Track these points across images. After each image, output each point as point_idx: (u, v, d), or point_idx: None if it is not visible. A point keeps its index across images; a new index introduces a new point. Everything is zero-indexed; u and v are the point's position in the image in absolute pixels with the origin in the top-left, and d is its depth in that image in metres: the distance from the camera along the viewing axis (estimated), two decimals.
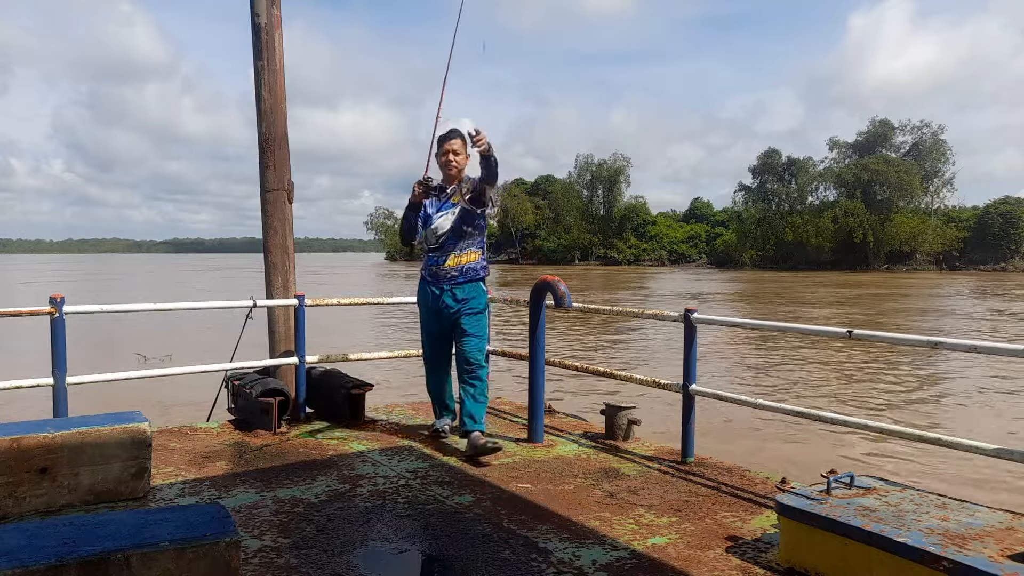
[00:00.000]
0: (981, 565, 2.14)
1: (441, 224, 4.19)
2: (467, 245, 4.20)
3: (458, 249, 4.18)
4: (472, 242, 4.22)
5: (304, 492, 3.50)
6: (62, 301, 3.93)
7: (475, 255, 4.23)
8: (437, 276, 4.22)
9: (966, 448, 3.14)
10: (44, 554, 1.94)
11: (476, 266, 4.24)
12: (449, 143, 4.20)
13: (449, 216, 4.18)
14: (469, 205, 4.18)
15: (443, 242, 4.19)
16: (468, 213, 4.18)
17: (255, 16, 4.83)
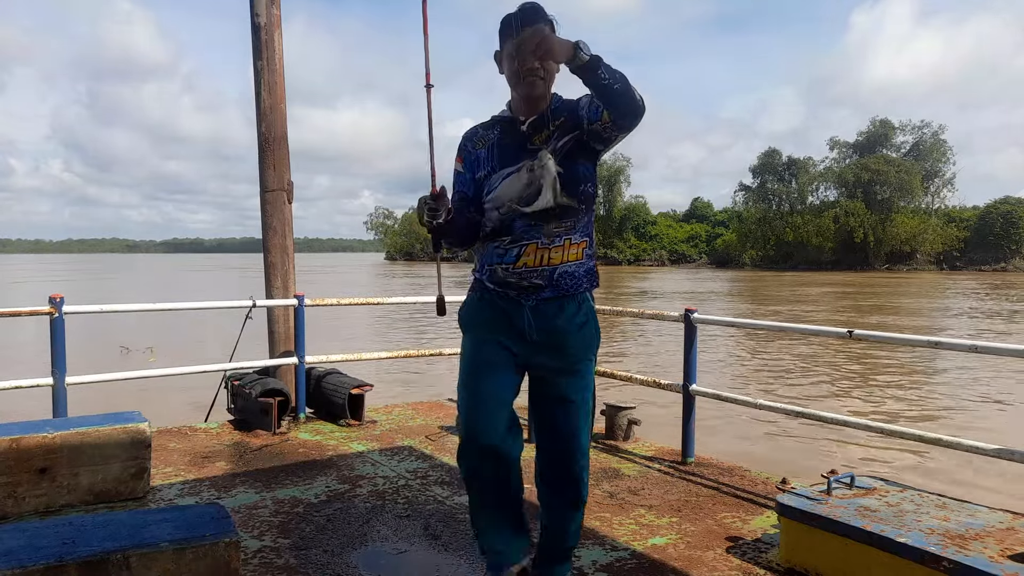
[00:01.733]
0: (981, 565, 2.14)
1: (508, 191, 2.15)
2: (562, 229, 2.16)
3: (545, 236, 2.15)
4: (571, 224, 2.18)
5: (304, 492, 3.50)
6: (61, 301, 3.93)
7: (577, 248, 2.20)
8: (507, 283, 2.20)
9: (966, 448, 3.14)
10: (43, 554, 1.94)
11: (578, 269, 2.21)
12: (525, 36, 2.04)
13: (524, 176, 2.14)
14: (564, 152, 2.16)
15: (515, 224, 2.16)
16: (568, 169, 2.13)
17: (255, 16, 4.83)
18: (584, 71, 1.90)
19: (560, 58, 1.89)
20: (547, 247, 2.15)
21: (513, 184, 2.14)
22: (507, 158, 2.18)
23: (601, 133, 2.09)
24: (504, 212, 2.16)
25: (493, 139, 2.23)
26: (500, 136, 2.22)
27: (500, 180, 2.17)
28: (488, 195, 2.20)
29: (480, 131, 2.28)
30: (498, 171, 2.18)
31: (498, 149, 2.20)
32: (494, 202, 2.18)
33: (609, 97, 1.95)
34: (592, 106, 2.08)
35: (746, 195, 72.86)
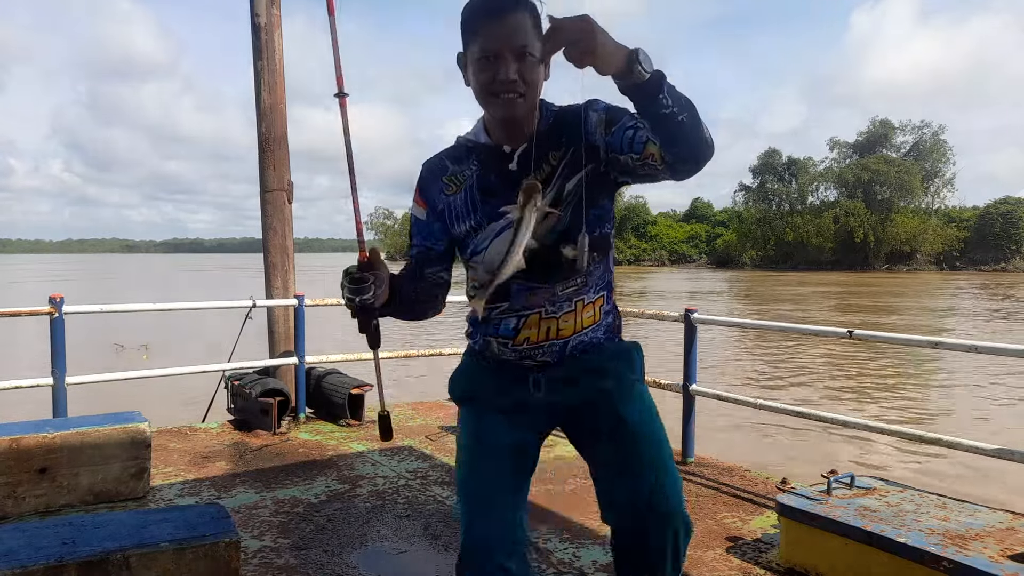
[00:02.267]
0: (981, 565, 2.14)
1: (496, 252, 1.54)
2: (571, 290, 1.60)
3: (550, 301, 1.59)
4: (583, 280, 1.61)
5: (304, 492, 3.50)
6: (61, 301, 3.93)
7: (593, 308, 1.64)
8: (505, 361, 1.66)
9: (966, 448, 3.15)
10: (43, 554, 1.94)
11: (595, 333, 1.65)
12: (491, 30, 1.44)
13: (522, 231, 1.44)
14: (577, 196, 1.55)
15: (512, 287, 1.59)
16: (577, 216, 1.52)
17: (255, 16, 4.83)
18: (640, 93, 1.25)
19: (607, 67, 1.18)
20: (554, 316, 1.56)
21: (507, 244, 1.45)
22: (495, 207, 1.52)
23: (637, 170, 1.43)
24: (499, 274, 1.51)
25: (470, 178, 1.56)
26: (480, 173, 1.55)
27: (490, 239, 1.54)
28: (474, 256, 1.58)
29: (449, 165, 1.59)
30: (485, 227, 1.54)
31: (480, 193, 1.54)
32: (484, 265, 1.55)
33: (670, 133, 1.30)
34: (629, 134, 1.41)
35: (746, 195, 72.89)
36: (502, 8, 1.41)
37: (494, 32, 1.41)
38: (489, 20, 1.42)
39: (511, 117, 1.47)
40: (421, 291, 1.63)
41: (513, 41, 1.40)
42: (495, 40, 1.41)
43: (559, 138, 1.51)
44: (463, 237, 1.59)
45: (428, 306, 1.67)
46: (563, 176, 1.50)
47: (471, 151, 1.58)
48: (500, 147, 1.54)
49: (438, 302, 1.69)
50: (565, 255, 1.51)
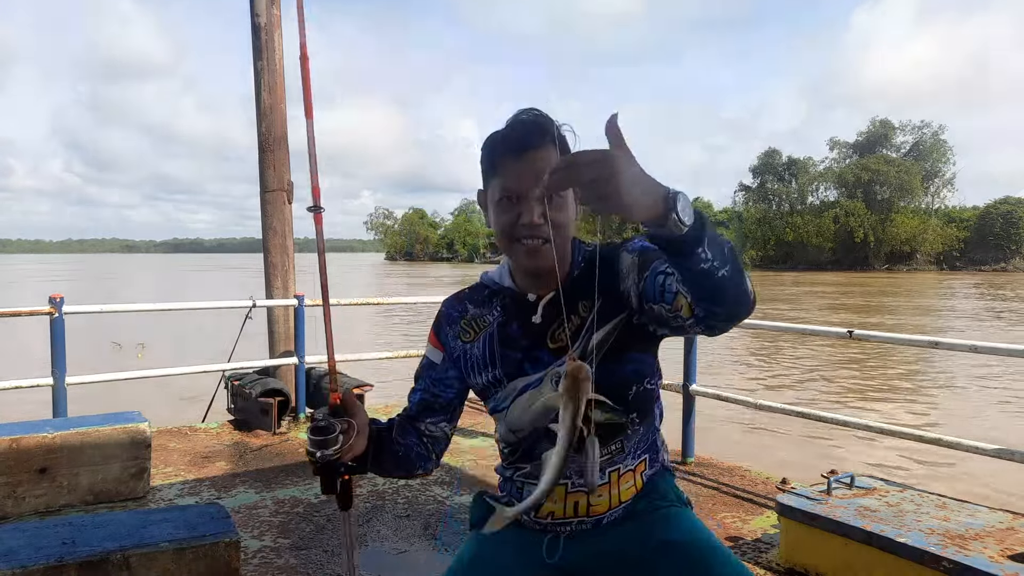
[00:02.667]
0: (981, 565, 2.14)
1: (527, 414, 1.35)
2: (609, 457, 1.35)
3: (579, 472, 1.31)
4: (621, 445, 1.35)
5: (304, 492, 3.50)
6: (61, 301, 3.93)
7: (634, 476, 1.38)
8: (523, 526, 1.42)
9: (966, 448, 3.15)
10: (44, 554, 1.95)
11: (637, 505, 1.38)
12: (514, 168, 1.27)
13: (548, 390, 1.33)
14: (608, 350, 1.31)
15: (537, 450, 1.35)
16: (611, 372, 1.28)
17: (255, 16, 4.83)
18: (673, 247, 1.03)
19: (633, 215, 0.96)
20: (582, 490, 1.33)
21: (532, 405, 1.33)
22: (517, 362, 1.34)
23: (670, 321, 1.21)
24: (526, 436, 1.36)
25: (491, 326, 1.38)
26: (501, 321, 1.37)
27: (511, 398, 1.36)
28: (495, 413, 1.40)
29: (470, 308, 1.43)
30: (505, 384, 1.35)
31: (500, 345, 1.36)
32: (508, 424, 1.38)
33: (706, 290, 1.10)
34: (660, 280, 1.21)
35: (746, 195, 72.92)
36: (526, 144, 1.24)
37: (516, 171, 1.24)
38: (511, 157, 1.25)
39: (535, 265, 1.29)
40: (413, 446, 1.39)
41: (538, 182, 1.20)
42: (518, 180, 1.24)
43: (590, 285, 1.25)
44: (481, 390, 1.41)
45: (419, 464, 1.41)
46: (591, 330, 1.28)
47: (495, 296, 1.41)
48: (524, 294, 1.35)
49: (432, 460, 1.43)
50: (593, 418, 1.22)
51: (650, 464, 1.39)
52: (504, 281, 1.39)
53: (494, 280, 1.42)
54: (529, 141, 1.24)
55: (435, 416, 1.43)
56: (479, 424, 4.93)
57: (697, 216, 1.01)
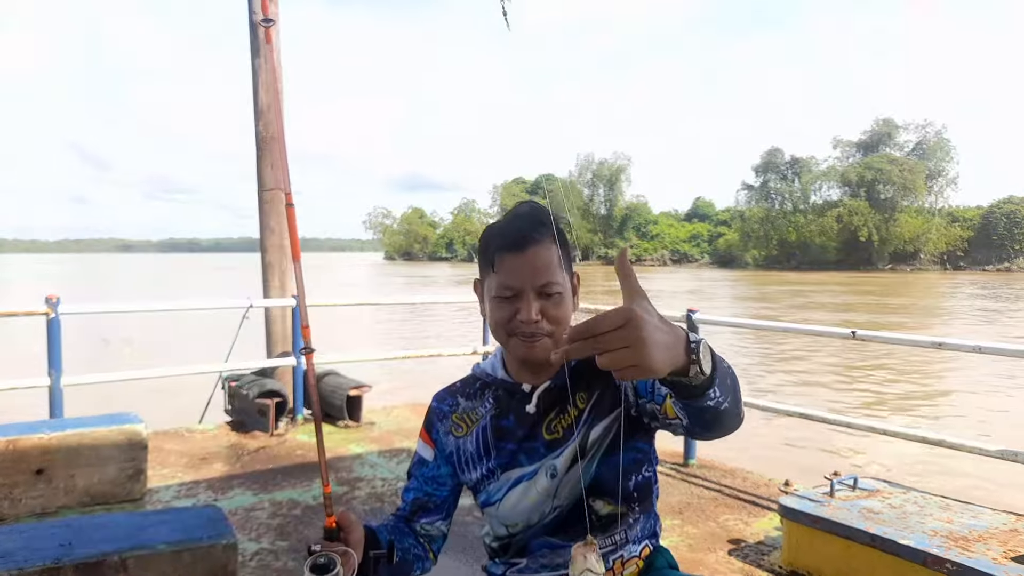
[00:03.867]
0: (984, 567, 2.12)
1: (520, 508, 1.34)
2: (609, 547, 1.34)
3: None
4: (624, 535, 1.36)
5: (302, 494, 3.48)
6: (58, 302, 3.91)
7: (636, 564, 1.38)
8: None
9: (970, 450, 3.13)
10: (40, 556, 1.93)
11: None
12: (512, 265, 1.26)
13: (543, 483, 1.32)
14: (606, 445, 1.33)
15: (532, 544, 1.36)
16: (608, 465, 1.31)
17: (252, 14, 4.81)
18: (686, 392, 1.02)
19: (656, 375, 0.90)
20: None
21: (526, 498, 1.31)
22: (511, 453, 1.33)
23: (659, 418, 1.25)
24: (518, 531, 1.35)
25: (483, 419, 1.37)
26: (495, 414, 1.36)
27: (504, 490, 1.33)
28: (487, 507, 1.38)
29: (461, 402, 1.40)
30: (498, 476, 1.33)
31: (494, 437, 1.34)
32: (500, 519, 1.36)
33: (704, 420, 1.11)
34: (650, 382, 1.24)
35: (748, 194, 72.85)
36: (524, 241, 1.23)
37: (514, 267, 1.23)
38: (509, 253, 1.24)
39: (532, 360, 1.28)
40: (410, 548, 1.36)
41: (536, 279, 1.22)
42: (516, 278, 1.23)
43: (587, 377, 1.28)
44: (475, 484, 1.38)
45: (416, 565, 1.37)
46: (588, 423, 1.28)
47: (487, 387, 1.39)
48: (519, 385, 1.33)
49: (430, 559, 1.41)
50: (596, 511, 1.29)
51: (654, 549, 1.39)
52: (497, 372, 1.37)
53: (487, 372, 1.39)
54: (527, 236, 1.23)
55: (430, 516, 1.42)
56: None
57: (712, 359, 0.99)
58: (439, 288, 36.68)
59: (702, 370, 0.96)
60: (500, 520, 1.35)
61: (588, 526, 1.22)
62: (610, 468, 1.28)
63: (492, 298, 1.27)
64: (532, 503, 1.30)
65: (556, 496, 1.29)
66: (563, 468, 1.27)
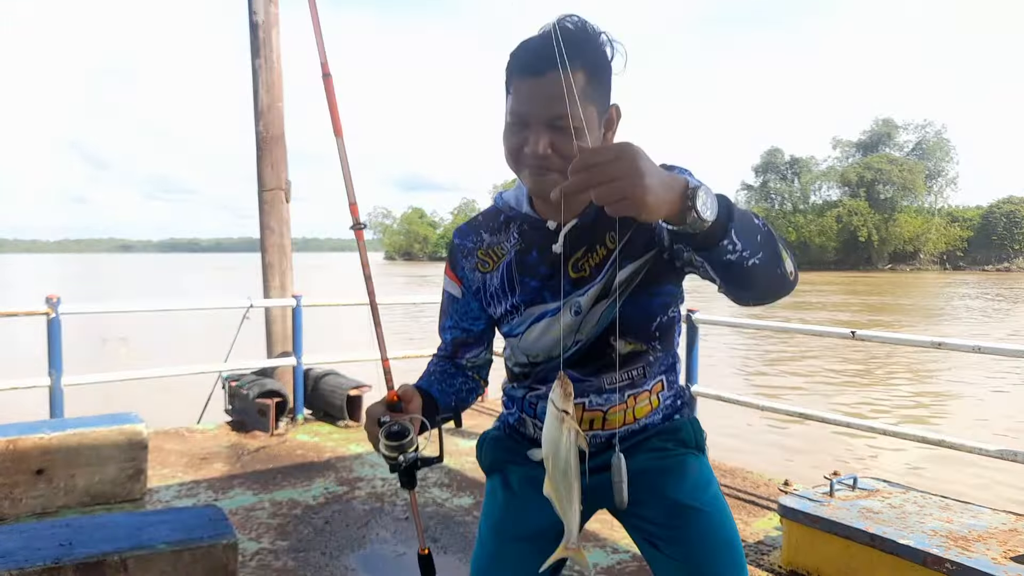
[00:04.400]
0: (984, 567, 2.12)
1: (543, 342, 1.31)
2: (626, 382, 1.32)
3: (597, 392, 1.31)
4: (641, 370, 1.32)
5: (302, 494, 3.49)
6: (58, 302, 3.91)
7: (649, 396, 1.34)
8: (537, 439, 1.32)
9: (969, 450, 3.13)
10: (40, 556, 1.93)
11: (651, 419, 1.36)
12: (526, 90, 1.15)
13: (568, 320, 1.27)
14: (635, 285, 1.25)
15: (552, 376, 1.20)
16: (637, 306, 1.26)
17: (252, 14, 4.82)
18: (694, 243, 1.00)
19: (651, 215, 0.89)
20: (600, 408, 1.30)
21: (549, 332, 1.29)
22: (535, 290, 1.28)
23: (699, 272, 1.17)
24: (539, 361, 1.33)
25: (508, 254, 1.31)
26: (520, 249, 1.30)
27: (527, 325, 1.30)
28: (509, 338, 1.36)
29: (485, 237, 1.35)
30: (522, 311, 1.30)
31: (519, 273, 1.29)
32: (522, 350, 1.34)
33: (733, 278, 1.07)
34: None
35: (748, 194, 72.83)
36: (540, 65, 1.10)
37: (527, 93, 1.13)
38: (526, 78, 1.13)
39: (540, 194, 1.22)
40: (460, 387, 1.39)
41: (549, 109, 1.11)
42: (527, 104, 1.14)
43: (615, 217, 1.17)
44: (498, 318, 1.36)
45: (470, 399, 1.43)
46: (617, 263, 1.22)
47: (511, 221, 1.32)
48: (544, 221, 1.27)
49: (481, 386, 1.45)
50: (616, 349, 1.27)
51: (668, 385, 1.36)
52: (522, 207, 1.31)
53: (510, 205, 1.33)
54: (545, 62, 1.09)
55: (472, 350, 1.42)
56: (478, 425, 4.91)
57: (723, 207, 0.96)
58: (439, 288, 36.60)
59: (699, 215, 0.92)
60: (522, 351, 1.34)
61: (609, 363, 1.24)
62: (635, 308, 1.25)
63: (505, 123, 1.20)
64: (554, 337, 1.28)
65: (578, 332, 1.27)
66: (587, 306, 1.24)
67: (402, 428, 1.17)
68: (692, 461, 1.37)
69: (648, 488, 1.31)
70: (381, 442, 1.18)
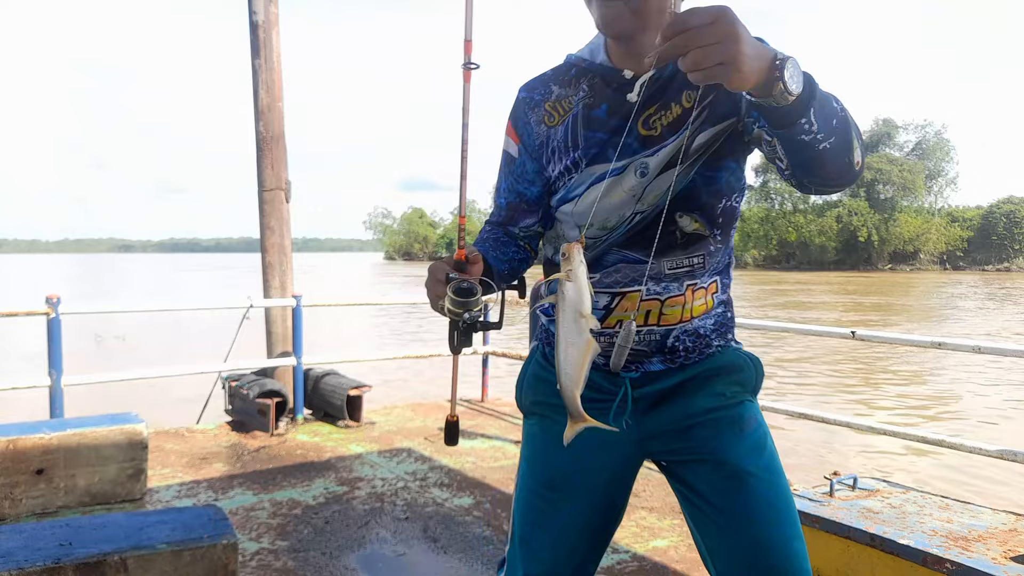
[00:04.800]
0: (984, 567, 2.12)
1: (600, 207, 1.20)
2: (684, 268, 1.24)
3: (656, 280, 1.23)
4: (701, 259, 1.24)
5: (302, 494, 3.49)
6: (58, 302, 3.92)
7: (706, 295, 1.27)
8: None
9: (969, 449, 3.13)
10: (40, 556, 1.93)
11: (704, 324, 1.27)
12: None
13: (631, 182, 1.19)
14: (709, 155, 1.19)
15: (608, 256, 1.25)
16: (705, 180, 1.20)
17: (252, 14, 4.82)
18: (775, 115, 0.96)
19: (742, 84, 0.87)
20: (657, 297, 1.22)
21: (610, 195, 1.19)
22: (600, 144, 1.19)
23: (765, 152, 1.15)
24: (594, 236, 1.23)
25: (576, 107, 1.22)
26: (588, 102, 1.21)
27: (586, 185, 1.21)
28: (563, 205, 1.26)
29: (554, 89, 1.26)
30: (582, 168, 1.21)
31: (584, 128, 1.21)
32: (575, 218, 1.24)
33: (803, 160, 1.03)
34: None
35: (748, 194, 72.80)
36: None
37: None
38: None
39: (611, 31, 1.16)
40: (514, 256, 1.33)
41: None
42: None
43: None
44: (555, 180, 1.26)
45: (522, 269, 1.36)
46: (694, 126, 1.15)
47: (582, 74, 1.25)
48: (619, 71, 1.20)
49: (531, 256, 1.38)
50: (680, 227, 1.20)
51: (721, 288, 1.30)
52: (597, 57, 1.24)
53: (583, 57, 1.26)
54: None
55: (525, 218, 1.34)
56: (478, 425, 4.91)
57: (806, 83, 0.92)
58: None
59: (787, 88, 0.89)
60: (575, 220, 1.25)
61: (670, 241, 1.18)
62: (705, 182, 1.18)
63: None
64: (613, 202, 1.19)
65: (640, 200, 1.18)
66: (655, 169, 1.16)
67: (471, 286, 1.12)
68: (749, 412, 1.28)
69: (702, 444, 1.24)
70: (448, 297, 1.13)
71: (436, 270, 1.15)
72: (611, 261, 1.24)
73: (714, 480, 1.23)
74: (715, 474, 1.23)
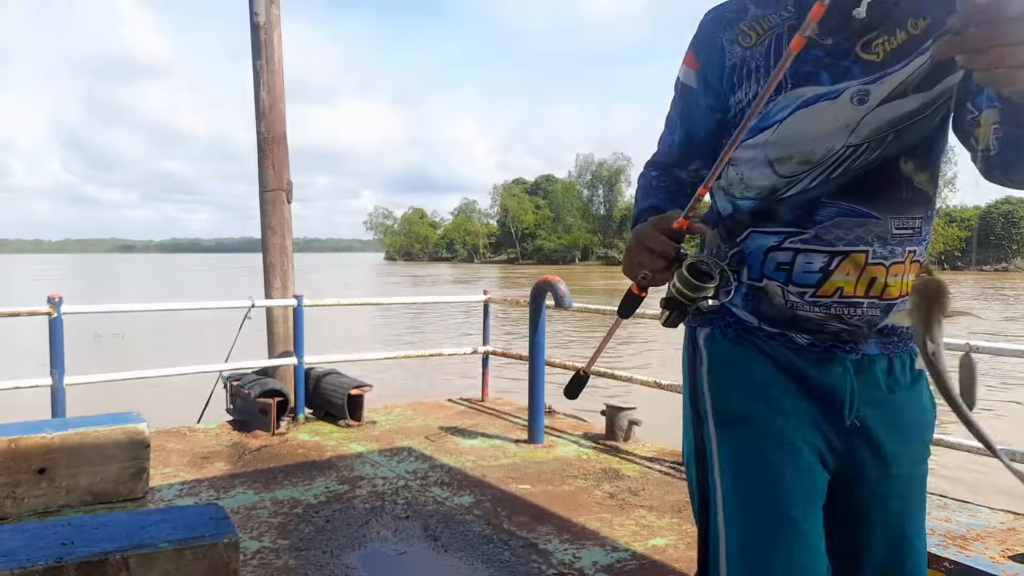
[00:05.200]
0: (982, 566, 2.13)
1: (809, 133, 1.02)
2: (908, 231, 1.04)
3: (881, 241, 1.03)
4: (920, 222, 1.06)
5: (303, 493, 3.50)
6: (60, 301, 3.93)
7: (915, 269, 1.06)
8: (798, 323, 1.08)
9: (967, 449, 3.14)
10: (42, 555, 1.94)
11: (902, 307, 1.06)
12: None
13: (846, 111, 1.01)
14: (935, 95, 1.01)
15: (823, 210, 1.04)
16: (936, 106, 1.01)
17: (254, 15, 4.83)
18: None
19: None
20: (882, 263, 1.03)
21: (819, 121, 1.02)
22: (811, 65, 1.02)
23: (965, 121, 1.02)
24: (791, 174, 1.04)
25: (779, 24, 1.06)
26: (794, 23, 1.04)
27: (790, 110, 1.03)
28: (756, 135, 1.06)
29: (750, 7, 1.10)
30: (787, 90, 1.03)
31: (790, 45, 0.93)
32: (770, 149, 1.05)
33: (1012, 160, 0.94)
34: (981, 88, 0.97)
35: None
36: None
37: None
38: None
39: None
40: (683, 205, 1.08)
41: None
42: None
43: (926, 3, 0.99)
44: (745, 107, 1.06)
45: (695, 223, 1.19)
46: (917, 58, 0.99)
47: None
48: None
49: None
50: (905, 174, 1.02)
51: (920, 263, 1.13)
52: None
53: None
54: None
55: (695, 161, 1.18)
56: (478, 424, 4.93)
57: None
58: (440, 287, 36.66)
59: None
60: (770, 152, 1.05)
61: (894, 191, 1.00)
62: (923, 130, 1.02)
63: None
64: (821, 132, 1.01)
65: (855, 132, 1.00)
66: (878, 98, 0.99)
67: (710, 270, 0.97)
68: (927, 395, 1.14)
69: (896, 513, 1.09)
70: (683, 278, 0.96)
71: (654, 240, 0.97)
72: (828, 214, 1.04)
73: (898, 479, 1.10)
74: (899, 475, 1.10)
